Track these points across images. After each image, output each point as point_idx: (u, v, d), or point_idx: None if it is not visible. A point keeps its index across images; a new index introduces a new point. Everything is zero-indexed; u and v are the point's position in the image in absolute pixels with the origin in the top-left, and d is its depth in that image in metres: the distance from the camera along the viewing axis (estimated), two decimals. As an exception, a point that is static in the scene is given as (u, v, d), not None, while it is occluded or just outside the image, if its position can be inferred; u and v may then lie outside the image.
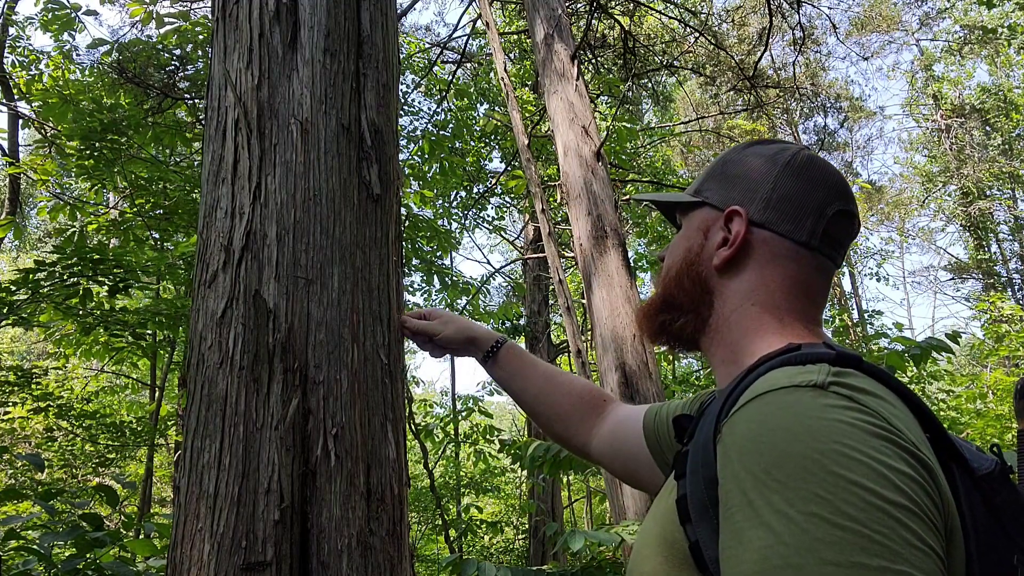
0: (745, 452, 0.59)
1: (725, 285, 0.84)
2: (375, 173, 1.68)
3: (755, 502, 0.56)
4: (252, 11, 1.73)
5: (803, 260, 0.81)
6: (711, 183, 0.88)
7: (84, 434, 7.63)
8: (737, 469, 0.59)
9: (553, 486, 10.99)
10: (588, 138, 5.21)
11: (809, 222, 0.81)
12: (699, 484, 0.65)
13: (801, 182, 0.82)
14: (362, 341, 1.51)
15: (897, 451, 0.57)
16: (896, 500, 0.53)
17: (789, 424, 0.58)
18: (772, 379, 0.65)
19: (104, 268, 4.56)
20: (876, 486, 0.53)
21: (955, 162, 18.04)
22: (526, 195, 9.96)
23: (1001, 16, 14.77)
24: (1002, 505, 0.64)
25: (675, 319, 0.87)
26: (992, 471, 0.66)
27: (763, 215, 0.82)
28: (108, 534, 2.44)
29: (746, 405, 0.63)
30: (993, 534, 0.63)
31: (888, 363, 3.75)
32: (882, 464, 0.55)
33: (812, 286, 0.82)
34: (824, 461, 0.55)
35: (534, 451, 4.74)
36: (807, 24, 12.72)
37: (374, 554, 1.38)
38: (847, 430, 0.57)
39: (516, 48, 10.91)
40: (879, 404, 0.61)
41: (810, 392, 0.61)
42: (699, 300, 0.85)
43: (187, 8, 6.59)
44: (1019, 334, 8.83)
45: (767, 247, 0.82)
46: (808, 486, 0.54)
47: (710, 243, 0.85)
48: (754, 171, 0.84)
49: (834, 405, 0.59)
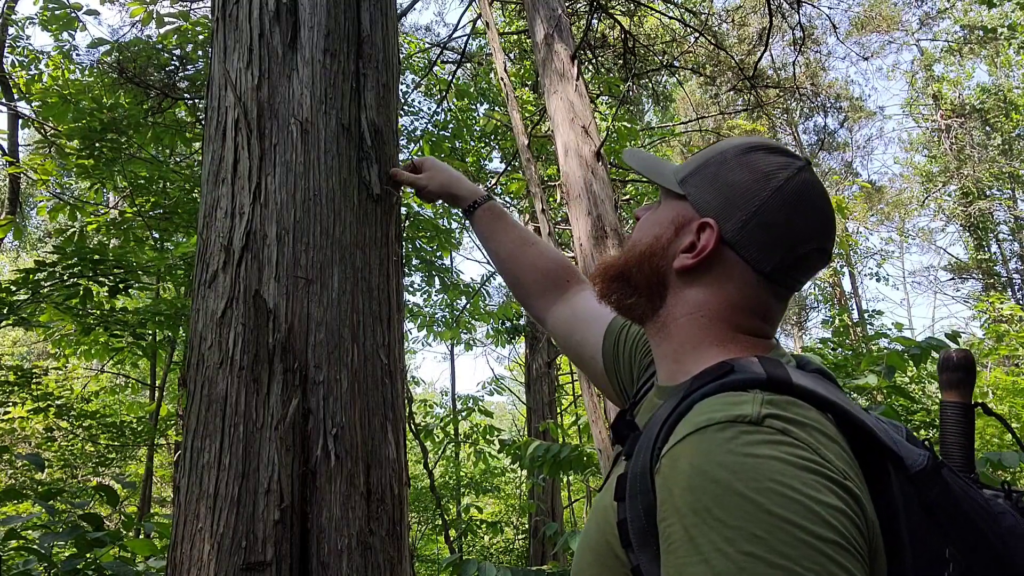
0: (686, 489, 0.62)
1: (680, 288, 0.85)
2: (375, 173, 1.68)
3: (696, 539, 0.59)
4: (252, 11, 1.73)
5: (760, 287, 0.82)
6: (699, 180, 0.86)
7: (84, 434, 7.63)
8: (679, 504, 0.62)
9: (553, 486, 10.98)
10: (588, 138, 5.21)
11: (778, 256, 0.81)
12: (638, 511, 0.68)
13: (783, 214, 0.81)
14: (362, 341, 1.51)
15: (827, 484, 0.60)
16: (826, 536, 0.57)
17: (727, 462, 0.61)
18: (708, 411, 0.67)
19: (104, 268, 4.56)
20: (808, 523, 0.57)
21: (955, 162, 18.04)
22: (526, 195, 9.96)
23: (1001, 16, 14.76)
24: (934, 501, 0.68)
25: (627, 295, 0.88)
26: (925, 468, 0.69)
27: (735, 236, 0.81)
28: (108, 534, 2.44)
29: (684, 440, 0.66)
30: (926, 529, 0.66)
31: (888, 363, 3.75)
32: (813, 500, 0.59)
33: (765, 309, 0.83)
34: (760, 500, 0.58)
35: (534, 451, 4.75)
36: (807, 24, 12.72)
37: (374, 554, 1.38)
38: (781, 468, 0.60)
39: (516, 48, 10.91)
40: (810, 435, 0.64)
41: (745, 429, 0.64)
42: (653, 290, 0.86)
43: (187, 8, 6.59)
44: (1019, 334, 8.84)
45: (728, 268, 0.82)
46: (746, 525, 0.58)
47: (678, 242, 0.85)
48: (742, 186, 0.82)
49: (768, 441, 0.63)
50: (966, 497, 0.71)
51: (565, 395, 14.57)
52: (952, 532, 0.67)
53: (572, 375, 13.21)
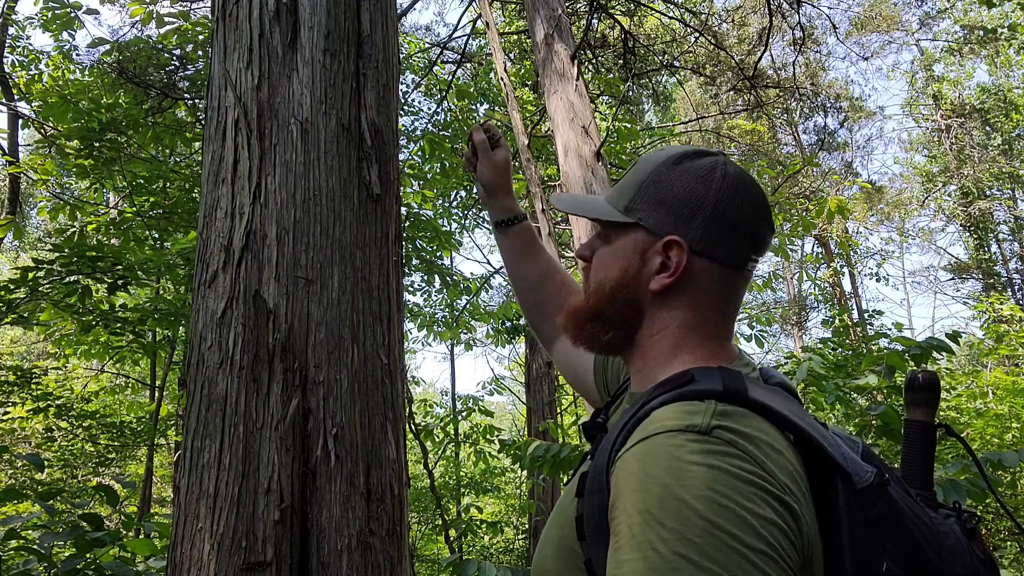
0: (634, 491, 0.66)
1: (657, 309, 0.87)
2: (375, 173, 1.68)
3: (636, 537, 0.63)
4: (252, 11, 1.73)
5: (732, 280, 0.86)
6: (642, 203, 0.88)
7: (84, 434, 7.63)
8: (626, 504, 0.66)
9: (553, 486, 10.97)
10: (588, 138, 5.21)
11: (744, 246, 0.86)
12: (594, 507, 0.73)
13: (734, 206, 0.85)
14: (362, 341, 1.51)
15: (766, 497, 0.64)
16: (755, 545, 0.61)
17: (672, 468, 0.66)
18: (662, 419, 0.71)
19: (103, 265, 4.56)
20: (739, 532, 0.61)
21: (955, 162, 18.04)
22: (526, 195, 9.96)
23: (1001, 16, 14.77)
24: (877, 515, 0.71)
25: (603, 332, 0.90)
26: (871, 484, 0.72)
27: (701, 243, 0.84)
28: (108, 534, 2.44)
29: (637, 444, 0.70)
30: (867, 541, 0.70)
31: (888, 363, 3.75)
32: (748, 511, 0.63)
33: (734, 301, 0.88)
34: (698, 506, 0.62)
35: (534, 451, 4.74)
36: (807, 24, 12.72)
37: (374, 554, 1.38)
38: (722, 477, 0.64)
39: (516, 48, 10.91)
40: (756, 448, 0.68)
41: (693, 438, 0.67)
42: (629, 320, 0.88)
43: (187, 8, 6.59)
44: (1019, 334, 8.83)
45: (706, 274, 0.85)
46: (682, 528, 0.62)
47: (648, 268, 0.86)
48: (688, 195, 0.85)
49: (713, 451, 0.66)
50: (909, 513, 0.73)
51: (565, 395, 14.57)
52: (891, 545, 0.70)
53: (572, 375, 13.17)
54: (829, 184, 14.47)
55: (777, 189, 9.71)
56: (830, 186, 14.33)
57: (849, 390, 4.38)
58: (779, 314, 17.45)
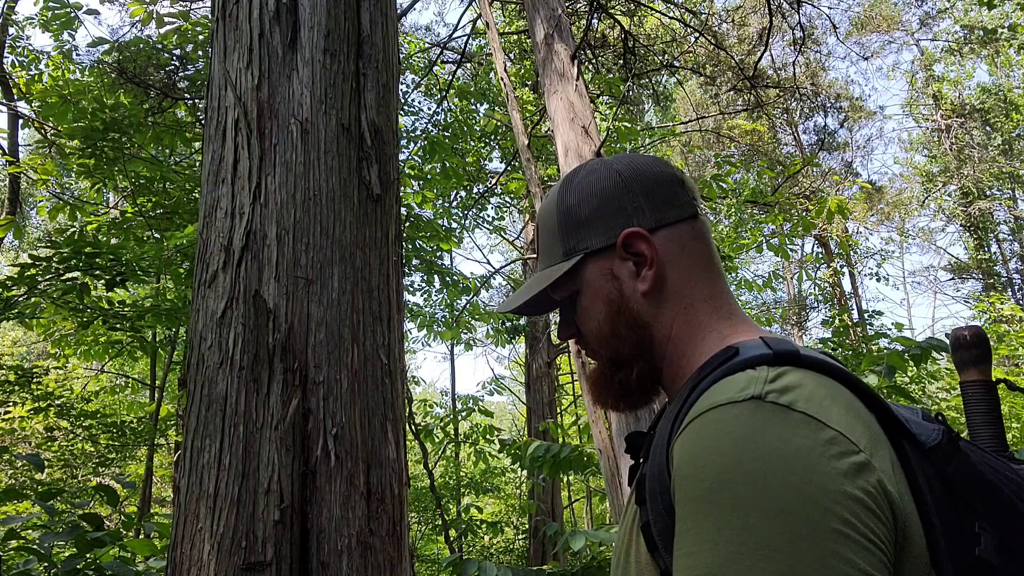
0: (686, 478, 0.61)
1: (656, 306, 0.81)
2: (375, 173, 1.68)
3: (694, 527, 0.58)
4: (252, 11, 1.73)
5: (697, 231, 0.82)
6: (573, 237, 0.84)
7: (84, 434, 7.63)
8: (684, 490, 0.61)
9: (553, 486, 10.99)
10: (588, 138, 5.21)
11: (681, 194, 0.82)
12: (660, 512, 0.65)
13: (644, 174, 0.83)
14: (362, 341, 1.51)
15: (837, 464, 0.58)
16: (824, 526, 0.55)
17: (725, 447, 0.60)
18: (714, 395, 0.65)
19: (100, 262, 4.56)
20: (804, 509, 0.55)
21: (955, 162, 18.03)
22: (526, 195, 9.97)
23: (1001, 16, 14.77)
24: (954, 474, 0.65)
25: (631, 371, 0.83)
26: (940, 442, 0.66)
27: (651, 219, 0.81)
28: (108, 534, 2.44)
29: (687, 427, 0.64)
30: (950, 506, 0.63)
31: (888, 363, 3.75)
32: (812, 485, 0.56)
33: (711, 254, 0.83)
34: (759, 487, 0.56)
35: (534, 451, 4.75)
36: (807, 24, 12.72)
37: (374, 554, 1.38)
38: (780, 449, 0.58)
39: (516, 48, 10.91)
40: (820, 408, 0.61)
41: (747, 407, 0.61)
42: (641, 340, 0.82)
43: (187, 8, 6.59)
44: (1019, 334, 8.83)
45: (674, 242, 0.81)
46: (739, 515, 0.56)
47: (625, 280, 0.81)
48: (603, 197, 0.83)
49: (770, 419, 0.60)
50: (989, 469, 0.67)
51: (565, 395, 14.57)
52: (979, 506, 0.64)
53: (572, 375, 13.20)
54: (829, 184, 14.47)
55: (777, 189, 9.71)
56: (830, 186, 14.33)
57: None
58: (779, 314, 17.45)
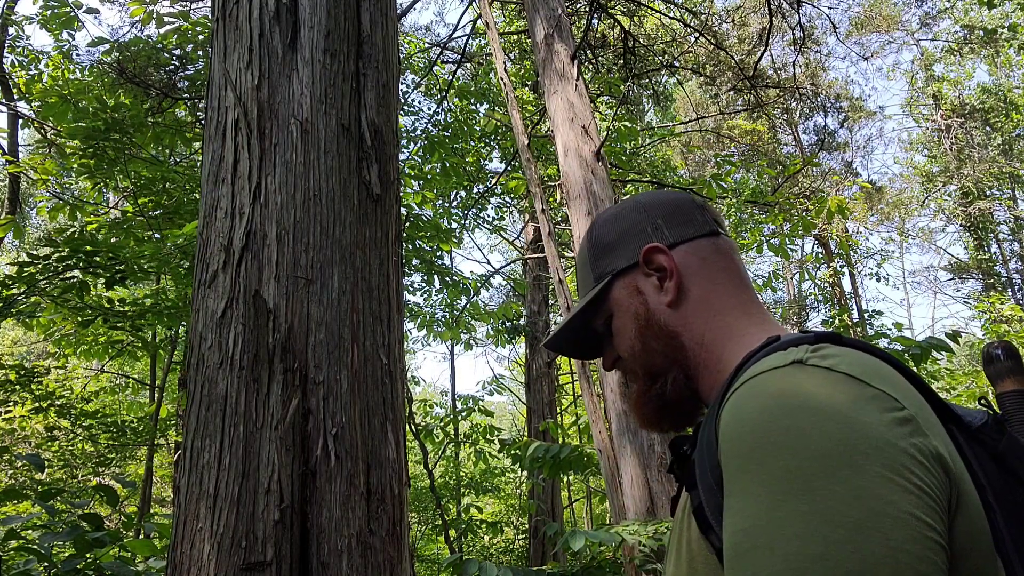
0: (731, 440, 0.61)
1: (683, 315, 0.84)
2: (375, 173, 1.68)
3: (735, 490, 0.58)
4: (252, 11, 1.73)
5: (718, 246, 0.87)
6: (602, 262, 0.90)
7: (84, 434, 7.63)
8: (726, 460, 0.61)
9: (553, 486, 10.99)
10: (588, 138, 5.21)
11: (699, 215, 0.88)
12: (711, 488, 0.65)
13: (665, 201, 0.90)
14: (362, 341, 1.51)
15: (880, 415, 0.57)
16: (867, 470, 0.54)
17: (766, 405, 0.60)
18: (757, 367, 0.66)
19: (100, 260, 4.55)
20: (845, 454, 0.54)
21: (955, 162, 18.03)
22: (526, 195, 9.97)
23: (1001, 16, 14.77)
24: (1005, 451, 0.65)
25: (665, 384, 0.85)
26: (986, 422, 0.67)
27: (670, 236, 0.86)
28: (108, 534, 2.44)
29: (732, 395, 0.65)
30: (1004, 481, 0.63)
31: (888, 363, 3.74)
32: (854, 433, 0.55)
33: (738, 268, 0.87)
34: (796, 438, 0.56)
35: (534, 451, 4.75)
36: (807, 24, 12.72)
37: (374, 554, 1.38)
38: (821, 402, 0.58)
39: (516, 48, 10.91)
40: (861, 369, 0.62)
41: (789, 370, 0.62)
42: (673, 349, 0.84)
43: (187, 8, 6.59)
44: (1019, 334, 8.84)
45: (695, 256, 0.85)
46: (780, 464, 0.56)
47: (650, 295, 0.85)
48: (628, 223, 0.89)
49: (811, 377, 0.61)
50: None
51: (565, 395, 14.56)
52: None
53: (572, 375, 13.21)
54: (829, 184, 14.47)
55: (777, 189, 9.71)
56: (830, 186, 14.33)
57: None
58: (779, 314, 17.45)
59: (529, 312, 11.59)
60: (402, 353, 1.65)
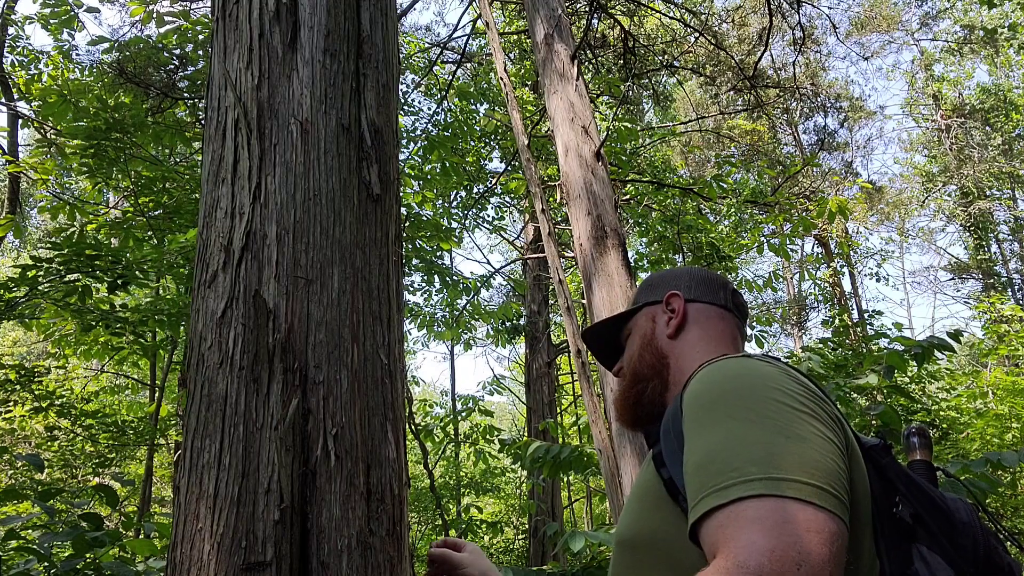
0: (694, 396, 0.86)
1: (676, 346, 1.10)
2: (375, 173, 1.68)
3: (702, 422, 0.81)
4: (252, 11, 1.73)
5: (727, 319, 1.12)
6: (643, 296, 1.18)
7: (84, 434, 7.63)
8: (689, 412, 0.84)
9: (553, 486, 10.98)
10: (588, 138, 5.21)
11: (722, 294, 1.14)
12: (671, 439, 0.87)
13: (702, 275, 1.16)
14: (362, 341, 1.51)
15: (805, 390, 0.83)
16: (806, 408, 0.79)
17: (725, 373, 0.86)
18: (710, 364, 0.92)
19: (101, 264, 4.55)
20: (789, 401, 0.79)
21: (955, 162, 18.03)
22: (526, 195, 9.97)
23: (1001, 16, 14.76)
24: (886, 466, 0.86)
25: (645, 388, 1.09)
26: (878, 444, 0.88)
27: (691, 293, 1.13)
28: (108, 534, 2.44)
29: (692, 379, 0.90)
30: (880, 482, 0.84)
31: (888, 363, 3.75)
32: (792, 391, 0.81)
33: (733, 335, 1.11)
34: (752, 389, 0.81)
35: (534, 451, 4.75)
36: (807, 24, 12.72)
37: (374, 554, 1.38)
38: (769, 372, 0.84)
39: (516, 48, 10.91)
40: (788, 371, 0.86)
41: (735, 358, 0.90)
42: (659, 366, 1.09)
43: (187, 8, 6.59)
44: (1019, 334, 8.84)
45: (701, 312, 1.12)
46: (740, 403, 0.79)
47: (660, 324, 1.13)
48: (670, 274, 1.18)
49: (758, 362, 0.87)
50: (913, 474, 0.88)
51: (565, 395, 14.56)
52: (901, 486, 0.84)
53: (572, 375, 13.20)
54: (829, 184, 14.47)
55: (777, 189, 9.71)
56: (830, 186, 14.33)
57: (849, 390, 4.37)
58: (779, 314, 17.46)
59: (529, 312, 11.58)
60: (402, 353, 1.65)
